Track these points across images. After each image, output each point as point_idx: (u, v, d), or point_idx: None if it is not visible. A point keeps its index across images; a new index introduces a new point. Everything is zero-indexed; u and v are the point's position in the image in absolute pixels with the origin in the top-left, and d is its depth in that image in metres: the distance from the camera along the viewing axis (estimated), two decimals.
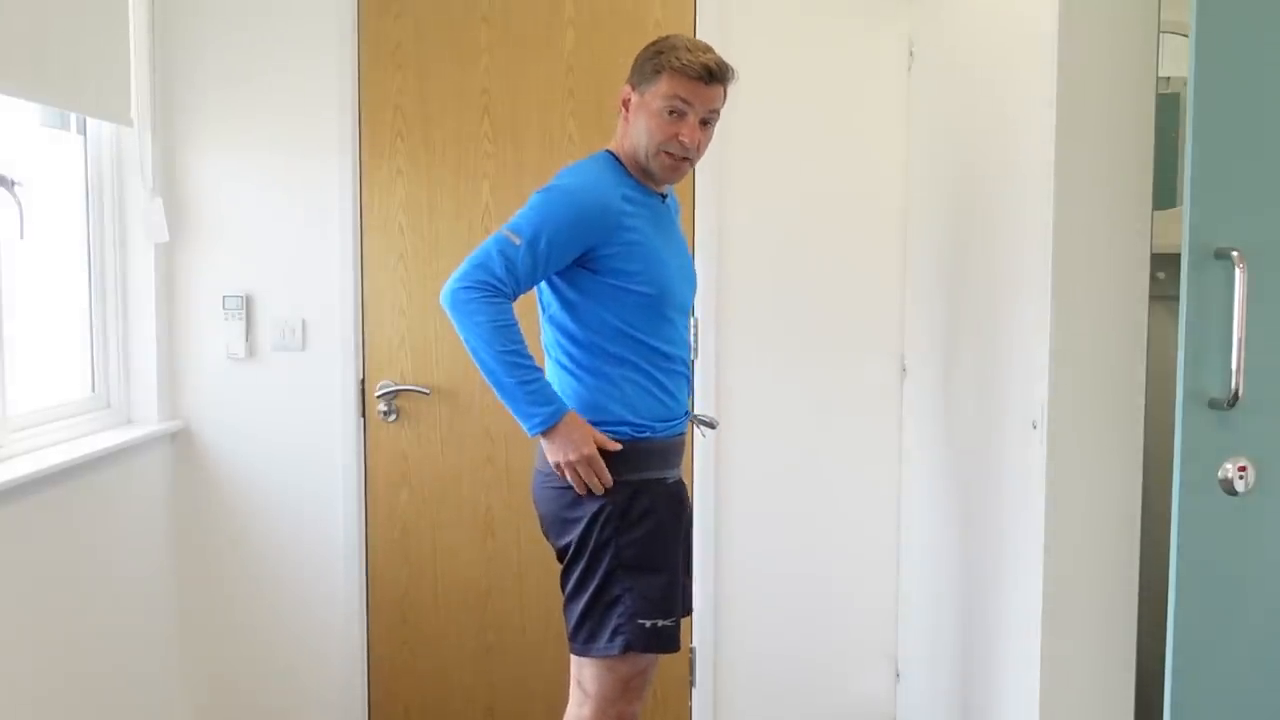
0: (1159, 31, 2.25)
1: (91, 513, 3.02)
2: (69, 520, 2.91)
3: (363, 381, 3.52)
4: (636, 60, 2.51)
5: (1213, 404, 1.95)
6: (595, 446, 2.38)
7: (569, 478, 2.39)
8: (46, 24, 2.85)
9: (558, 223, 2.38)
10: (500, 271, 2.33)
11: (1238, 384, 1.93)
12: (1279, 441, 1.98)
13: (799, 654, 3.56)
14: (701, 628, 3.53)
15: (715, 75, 2.44)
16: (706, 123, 2.49)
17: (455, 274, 2.36)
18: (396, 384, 3.51)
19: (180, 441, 3.51)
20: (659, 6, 3.44)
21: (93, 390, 3.33)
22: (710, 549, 3.51)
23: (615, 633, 2.44)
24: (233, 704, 3.56)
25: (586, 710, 2.50)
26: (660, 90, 2.43)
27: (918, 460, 3.34)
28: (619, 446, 2.41)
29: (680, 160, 2.48)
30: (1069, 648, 2.31)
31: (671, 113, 2.43)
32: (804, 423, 3.51)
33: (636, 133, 2.48)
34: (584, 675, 2.50)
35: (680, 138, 2.44)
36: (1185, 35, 2.64)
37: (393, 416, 3.52)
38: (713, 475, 3.51)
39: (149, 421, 3.41)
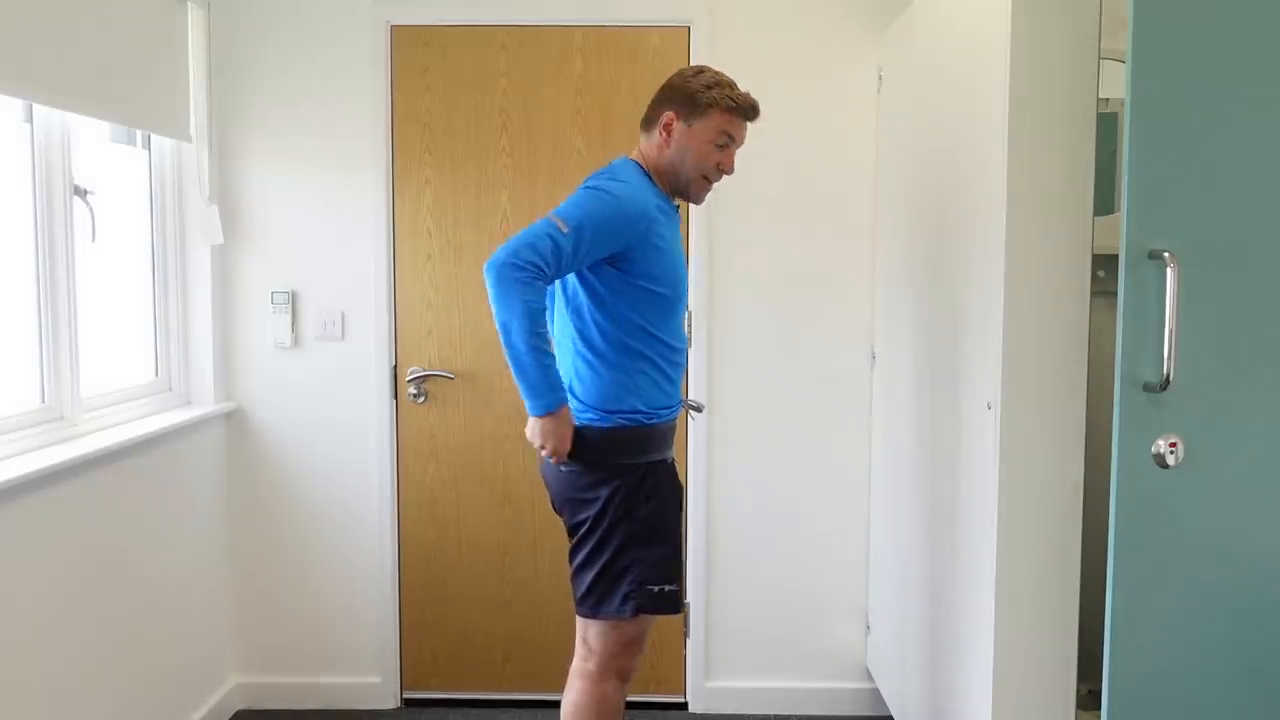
0: (1099, 58, 2.25)
1: (155, 483, 3.02)
2: (135, 489, 2.91)
3: (395, 367, 3.52)
4: (683, 90, 2.45)
5: (1147, 387, 1.94)
6: (570, 445, 2.36)
7: (544, 450, 2.36)
8: (115, 52, 2.85)
9: (601, 220, 2.31)
10: (547, 255, 2.24)
11: (1169, 369, 1.92)
12: (1206, 420, 1.97)
13: (781, 609, 3.56)
14: (695, 586, 3.53)
15: (757, 113, 2.49)
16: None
17: (505, 248, 2.24)
18: (425, 369, 3.51)
19: (234, 421, 3.51)
20: (657, 37, 3.43)
21: (156, 375, 3.33)
22: (703, 516, 3.52)
23: (626, 598, 2.43)
24: (279, 650, 3.57)
25: (592, 664, 2.49)
26: (714, 124, 2.44)
27: (886, 437, 3.33)
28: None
29: (711, 183, 2.51)
30: (1020, 604, 2.31)
31: (719, 145, 2.45)
32: (786, 405, 3.51)
33: (680, 156, 2.46)
34: (590, 634, 2.49)
35: (722, 166, 2.48)
36: (1122, 61, 2.64)
37: (421, 398, 3.52)
38: (705, 453, 3.51)
39: (206, 403, 3.41)
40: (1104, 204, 2.71)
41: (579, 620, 2.51)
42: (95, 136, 3.00)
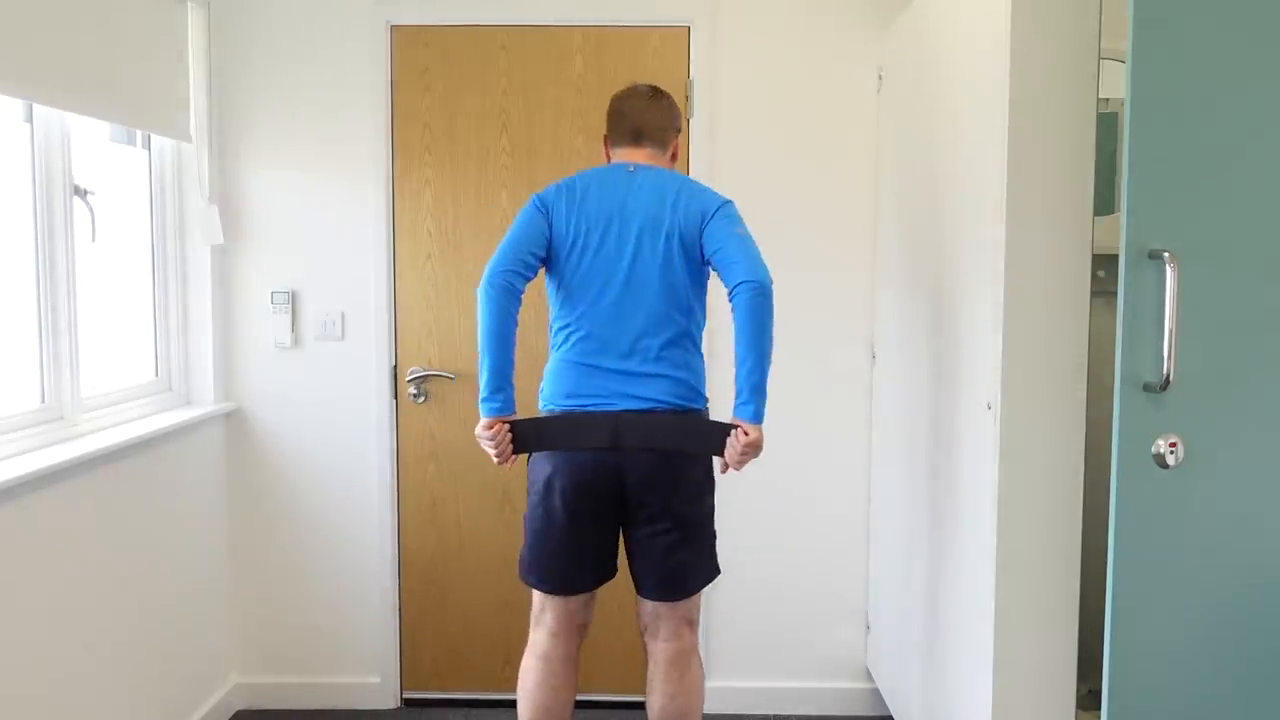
0: (1099, 58, 2.25)
1: (155, 483, 3.02)
2: (136, 489, 2.91)
3: (395, 368, 3.52)
4: (676, 110, 2.72)
5: (1147, 387, 1.94)
6: None
7: (749, 458, 2.46)
8: (115, 52, 2.85)
9: None
10: None
11: (1169, 369, 1.92)
12: (1206, 420, 1.97)
13: (781, 608, 3.56)
14: None
15: None
16: None
17: (764, 270, 2.44)
18: (425, 370, 3.51)
19: (234, 421, 3.51)
20: (657, 37, 3.43)
21: (156, 375, 3.33)
22: None
23: (717, 556, 2.68)
24: (279, 650, 3.57)
25: (697, 637, 2.67)
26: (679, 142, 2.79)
27: (885, 436, 3.33)
28: None
29: None
30: (1020, 605, 2.31)
31: None
32: (786, 404, 3.51)
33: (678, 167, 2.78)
34: (693, 610, 2.65)
35: None
36: (1122, 61, 2.64)
37: (421, 399, 3.52)
38: None
39: (206, 403, 3.41)
40: (1104, 204, 2.71)
41: (678, 608, 2.61)
42: (95, 136, 3.00)
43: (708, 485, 2.60)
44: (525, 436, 2.50)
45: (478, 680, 3.60)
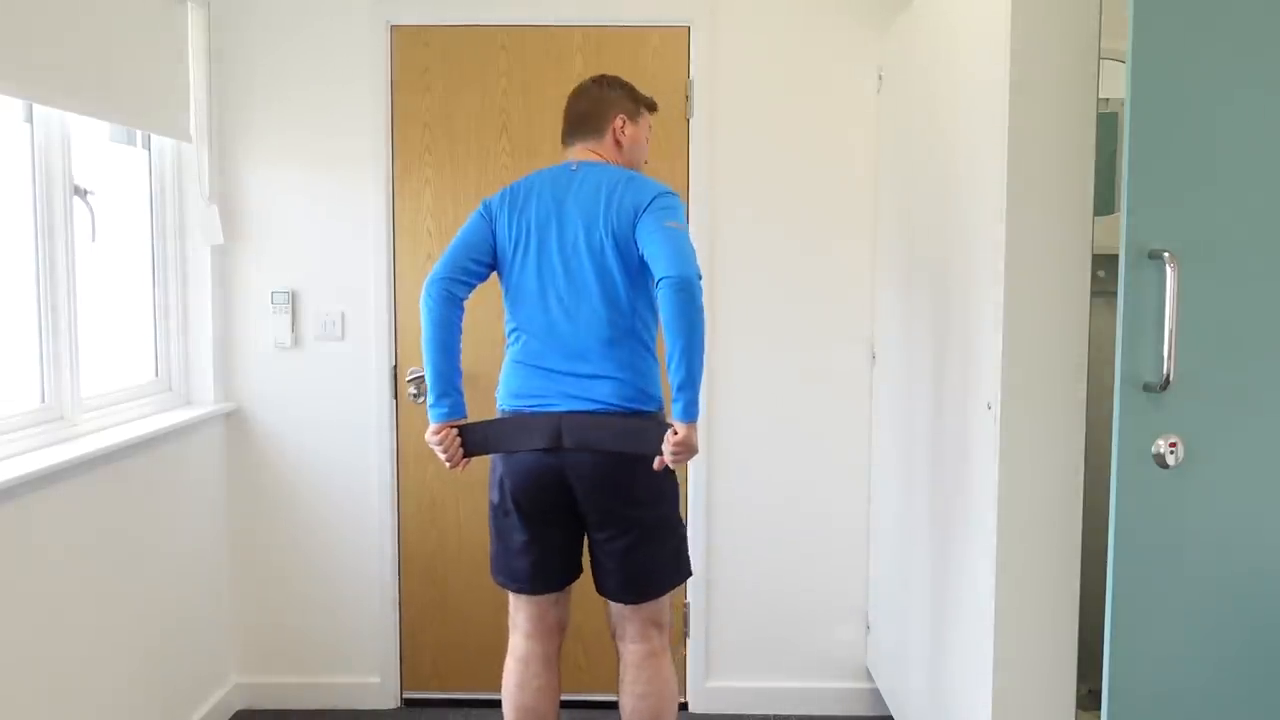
0: (1099, 58, 2.25)
1: (155, 483, 3.02)
2: (135, 489, 2.91)
3: (395, 367, 3.52)
4: (626, 94, 2.66)
5: (1147, 387, 1.95)
6: None
7: (682, 458, 2.39)
8: (115, 52, 2.85)
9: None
10: None
11: (1169, 369, 1.92)
12: (1206, 420, 1.98)
13: (781, 608, 3.56)
14: (695, 586, 3.53)
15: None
16: None
17: (687, 265, 2.32)
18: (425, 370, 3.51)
19: (233, 421, 3.51)
20: (657, 37, 3.43)
21: (156, 375, 3.34)
22: (703, 516, 3.51)
23: (686, 559, 2.64)
24: (279, 650, 3.57)
25: (666, 639, 2.62)
26: (647, 121, 2.70)
27: (885, 436, 3.33)
28: None
29: None
30: (1020, 605, 2.31)
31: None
32: (785, 405, 3.51)
33: (640, 150, 2.67)
34: (659, 613, 2.60)
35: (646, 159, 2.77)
36: (1122, 61, 2.64)
37: (421, 399, 3.52)
38: (704, 453, 3.50)
39: (206, 403, 3.41)
40: (1104, 204, 2.71)
41: (641, 609, 2.58)
42: (95, 136, 3.00)
43: (666, 487, 2.54)
44: (473, 440, 2.56)
45: (478, 680, 3.60)
